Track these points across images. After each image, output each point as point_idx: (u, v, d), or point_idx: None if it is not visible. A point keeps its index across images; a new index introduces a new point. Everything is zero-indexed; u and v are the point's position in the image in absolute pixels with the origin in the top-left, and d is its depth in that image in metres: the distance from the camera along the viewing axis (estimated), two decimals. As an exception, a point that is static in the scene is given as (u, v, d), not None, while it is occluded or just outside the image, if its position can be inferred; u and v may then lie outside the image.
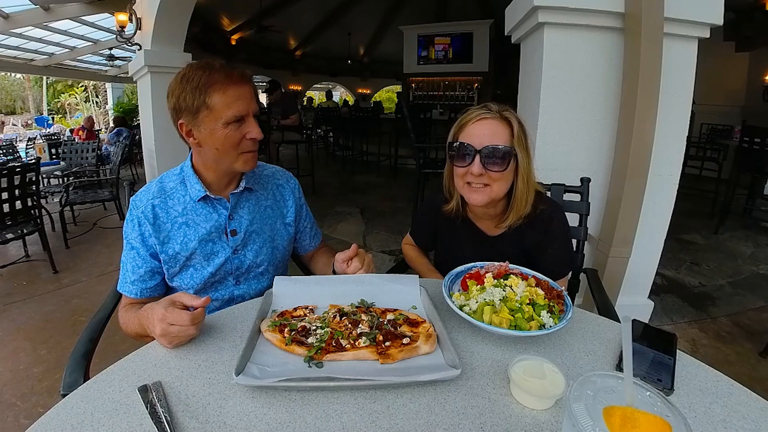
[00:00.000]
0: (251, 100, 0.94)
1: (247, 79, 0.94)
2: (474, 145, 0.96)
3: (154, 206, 0.98)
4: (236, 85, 0.91)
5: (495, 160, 0.95)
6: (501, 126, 0.97)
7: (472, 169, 0.96)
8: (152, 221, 0.97)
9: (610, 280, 1.93)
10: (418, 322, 0.79)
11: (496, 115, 0.98)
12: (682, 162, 2.01)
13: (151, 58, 4.05)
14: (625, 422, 0.42)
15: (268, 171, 1.16)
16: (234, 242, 1.02)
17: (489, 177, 0.97)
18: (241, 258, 1.04)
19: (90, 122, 7.35)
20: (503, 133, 0.97)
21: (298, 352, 0.70)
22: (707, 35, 1.84)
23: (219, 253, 1.01)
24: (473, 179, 0.98)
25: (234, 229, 1.02)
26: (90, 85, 16.67)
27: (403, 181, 6.05)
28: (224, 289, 1.05)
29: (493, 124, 0.97)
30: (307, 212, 1.22)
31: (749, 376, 1.86)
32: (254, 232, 1.06)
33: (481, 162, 0.95)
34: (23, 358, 1.99)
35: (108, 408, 0.58)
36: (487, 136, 0.96)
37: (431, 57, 8.80)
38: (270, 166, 1.18)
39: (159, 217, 0.98)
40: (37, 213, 3.01)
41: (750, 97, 6.14)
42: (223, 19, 9.83)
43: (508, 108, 1.01)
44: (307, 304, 0.86)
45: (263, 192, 1.10)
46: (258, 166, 1.12)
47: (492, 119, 0.97)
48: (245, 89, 0.93)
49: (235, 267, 1.04)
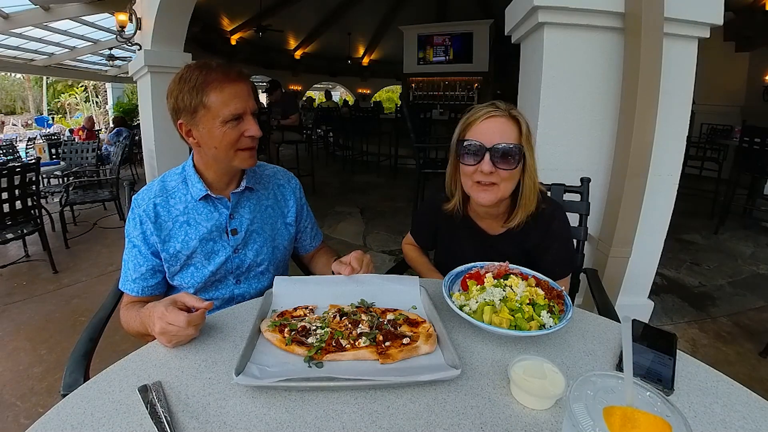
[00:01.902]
0: (248, 97, 0.93)
1: (244, 77, 0.94)
2: (484, 143, 0.95)
3: (155, 205, 0.98)
4: (233, 83, 0.91)
5: (505, 158, 0.94)
6: (510, 124, 0.96)
7: (483, 167, 0.95)
8: (154, 220, 0.97)
9: (610, 280, 1.93)
10: (418, 322, 0.79)
11: (505, 113, 0.97)
12: (682, 162, 2.01)
13: (151, 58, 4.05)
14: (625, 422, 0.42)
15: (270, 171, 1.16)
16: (235, 241, 1.02)
17: (498, 175, 0.96)
18: (242, 257, 1.04)
19: (90, 122, 7.35)
20: (513, 131, 0.96)
21: (298, 352, 0.70)
22: (707, 35, 1.84)
23: (220, 252, 1.01)
24: (483, 177, 0.97)
25: (234, 228, 1.03)
26: (90, 85, 16.69)
27: (403, 181, 6.04)
28: (225, 288, 1.05)
29: (502, 122, 0.96)
30: (308, 212, 1.22)
31: (749, 376, 1.86)
32: (255, 231, 1.06)
33: (491, 160, 0.94)
34: (23, 358, 1.99)
35: (108, 408, 0.58)
36: (497, 134, 0.95)
37: (431, 57, 8.80)
38: (271, 166, 1.18)
39: (160, 215, 0.98)
40: (37, 213, 3.02)
41: (750, 97, 6.14)
42: (223, 19, 9.84)
43: (514, 107, 1.01)
44: (307, 304, 0.86)
45: (264, 192, 1.10)
46: (259, 166, 1.12)
47: (501, 117, 0.97)
48: (242, 87, 0.92)
49: (236, 266, 1.04)
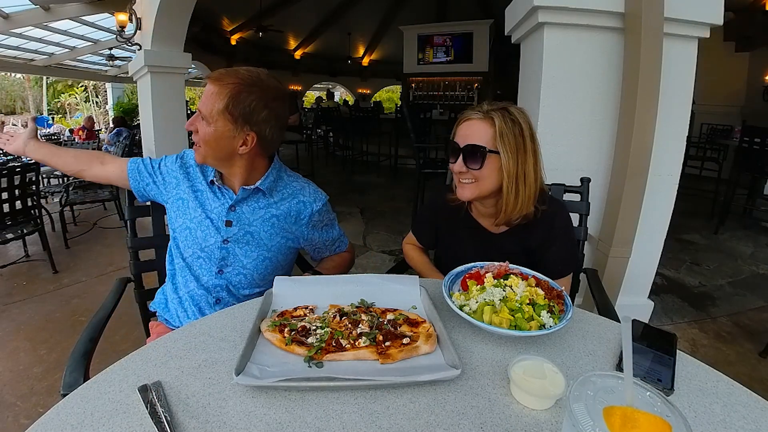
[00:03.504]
0: (205, 97, 0.98)
1: (213, 79, 0.97)
2: (459, 144, 1.03)
3: (193, 164, 1.12)
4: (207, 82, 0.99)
5: (472, 158, 1.00)
6: (484, 126, 1.00)
7: (455, 166, 1.03)
8: (186, 169, 1.11)
9: (610, 280, 1.93)
10: (418, 322, 0.79)
11: (482, 115, 1.01)
12: (682, 162, 2.01)
13: (151, 58, 4.04)
14: (625, 422, 0.42)
15: (297, 186, 1.12)
16: (227, 233, 1.04)
17: (472, 174, 1.02)
18: (230, 249, 1.05)
19: (90, 122, 7.35)
20: (484, 132, 1.00)
21: (298, 352, 0.70)
22: (707, 35, 1.84)
23: (210, 235, 1.04)
24: (459, 176, 1.05)
25: (230, 221, 1.05)
26: (90, 85, 16.67)
27: (403, 181, 6.04)
28: (201, 270, 1.06)
29: (476, 124, 1.01)
30: (322, 232, 1.17)
31: (749, 376, 1.86)
32: (251, 233, 1.06)
33: (463, 159, 1.01)
34: (23, 358, 2.00)
35: (108, 408, 0.58)
36: (468, 135, 1.02)
37: (431, 57, 8.79)
38: (304, 182, 1.15)
39: (194, 169, 1.12)
40: (37, 213, 3.02)
41: (750, 97, 6.14)
42: (223, 19, 9.83)
43: (504, 106, 1.02)
44: (307, 304, 0.86)
45: (278, 201, 1.09)
46: (289, 176, 1.13)
47: (476, 120, 1.02)
48: (207, 88, 0.98)
49: (222, 257, 1.05)
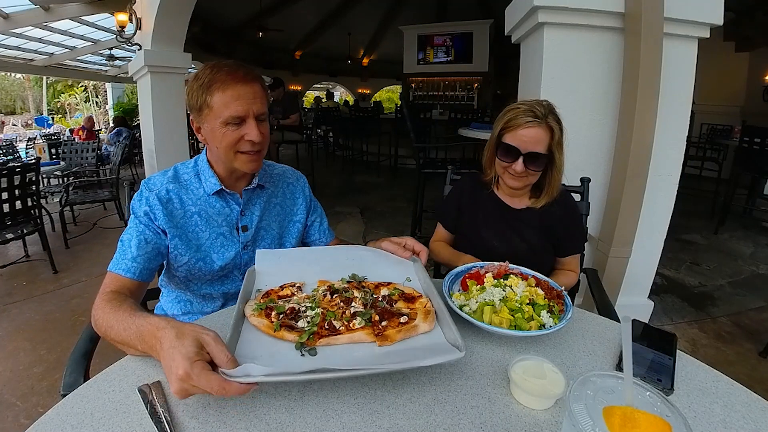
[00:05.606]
0: (253, 100, 0.90)
1: (252, 78, 0.91)
2: (520, 149, 1.09)
3: (168, 191, 0.96)
4: (238, 84, 0.88)
5: (535, 162, 1.09)
6: (543, 134, 1.08)
7: (516, 167, 1.10)
8: (165, 204, 0.94)
9: (610, 280, 1.93)
10: (414, 297, 0.75)
11: (542, 122, 1.08)
12: (682, 162, 2.01)
13: (151, 58, 4.04)
14: (625, 422, 0.42)
15: (279, 170, 1.17)
16: (244, 238, 1.03)
17: (527, 173, 1.11)
18: (250, 254, 1.04)
19: (90, 122, 7.34)
20: (546, 139, 1.09)
21: (288, 338, 0.65)
22: (707, 35, 1.84)
23: (229, 248, 1.02)
24: (516, 173, 1.11)
25: (245, 225, 1.04)
26: (90, 85, 16.68)
27: (403, 181, 6.04)
28: (231, 282, 1.06)
29: (538, 132, 1.08)
30: (315, 208, 1.23)
31: (749, 376, 1.86)
32: (263, 228, 1.07)
33: (523, 163, 1.09)
34: (23, 358, 1.99)
35: (108, 408, 0.58)
36: (531, 142, 1.08)
37: (431, 57, 8.79)
38: (280, 165, 1.20)
39: (173, 201, 0.96)
40: (37, 213, 3.01)
41: (750, 97, 6.14)
42: (223, 19, 9.82)
43: (550, 107, 1.11)
44: (294, 282, 0.81)
45: (274, 190, 1.12)
46: (268, 165, 1.14)
47: (537, 127, 1.08)
48: (247, 89, 0.89)
49: (244, 262, 1.04)
